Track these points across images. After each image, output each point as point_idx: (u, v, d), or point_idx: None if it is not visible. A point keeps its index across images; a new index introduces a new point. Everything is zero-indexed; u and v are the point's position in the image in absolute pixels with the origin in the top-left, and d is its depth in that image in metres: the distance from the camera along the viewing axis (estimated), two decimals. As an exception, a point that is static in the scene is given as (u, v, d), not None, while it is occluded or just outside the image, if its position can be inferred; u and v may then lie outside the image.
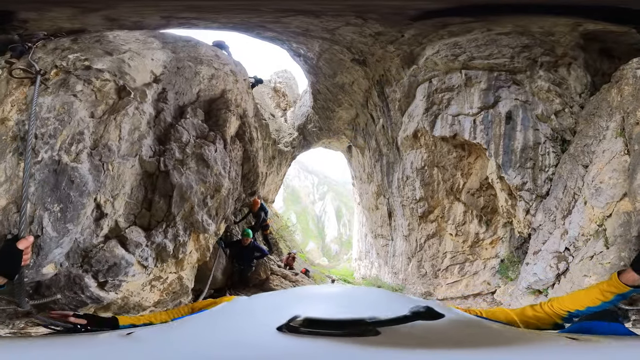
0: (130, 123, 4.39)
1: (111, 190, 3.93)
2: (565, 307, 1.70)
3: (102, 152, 3.92)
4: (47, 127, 3.41)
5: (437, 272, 9.37)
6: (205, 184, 5.10)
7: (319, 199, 49.58)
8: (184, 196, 4.83)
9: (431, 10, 5.78)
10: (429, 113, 8.13)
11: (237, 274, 7.72)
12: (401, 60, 8.46)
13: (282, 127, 15.68)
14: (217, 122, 5.94)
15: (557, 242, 5.61)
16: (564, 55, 7.04)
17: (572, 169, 6.01)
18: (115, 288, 3.54)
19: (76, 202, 3.35)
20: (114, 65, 4.43)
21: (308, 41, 9.19)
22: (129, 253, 3.90)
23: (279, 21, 6.96)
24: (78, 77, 3.97)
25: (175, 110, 5.39)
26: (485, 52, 7.33)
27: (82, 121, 3.74)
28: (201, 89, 5.93)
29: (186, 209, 4.85)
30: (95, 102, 4.04)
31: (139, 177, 4.49)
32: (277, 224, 15.15)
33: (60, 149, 3.40)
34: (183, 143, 5.18)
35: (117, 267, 3.58)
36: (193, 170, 5.12)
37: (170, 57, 5.53)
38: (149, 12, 5.51)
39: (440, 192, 9.00)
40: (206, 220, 5.07)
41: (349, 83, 11.04)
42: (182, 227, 4.74)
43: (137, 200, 4.42)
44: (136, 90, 4.63)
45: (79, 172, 3.46)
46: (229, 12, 5.98)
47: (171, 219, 4.67)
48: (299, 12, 6.32)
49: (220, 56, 6.71)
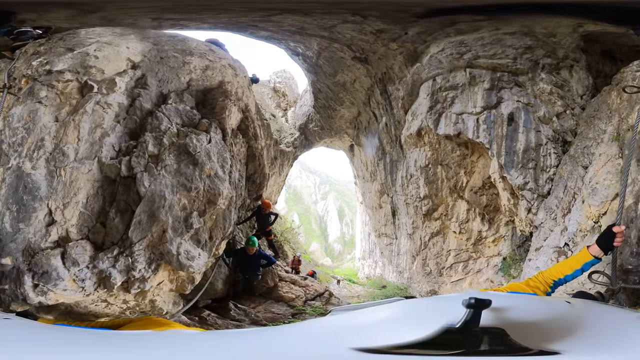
0: (89, 121, 3.98)
1: (62, 197, 3.71)
2: (551, 277, 2.16)
3: (57, 157, 3.77)
4: (16, 136, 3.68)
5: (442, 270, 9.38)
6: (188, 193, 4.00)
7: (321, 199, 49.61)
8: (153, 213, 3.83)
9: (441, 8, 5.70)
10: (433, 111, 8.13)
11: (241, 283, 7.06)
12: (404, 58, 8.44)
13: (283, 128, 15.66)
14: (212, 109, 5.00)
15: (557, 238, 5.75)
16: (565, 57, 7.11)
17: (572, 169, 6.12)
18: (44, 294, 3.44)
19: (28, 205, 3.55)
20: (75, 62, 4.16)
21: (305, 39, 9.10)
22: (64, 268, 3.54)
23: (268, 20, 6.77)
24: (42, 83, 3.94)
25: (158, 97, 4.71)
26: (490, 52, 7.36)
27: (44, 127, 3.78)
28: (192, 78, 5.26)
29: (155, 233, 3.83)
30: (59, 105, 3.95)
31: (97, 184, 3.92)
32: (281, 226, 15.12)
33: (25, 156, 3.64)
34: (161, 132, 4.15)
35: (47, 276, 3.46)
36: (171, 170, 4.01)
37: (149, 47, 5.00)
38: (138, 14, 5.38)
39: (444, 190, 9.01)
40: (187, 252, 3.98)
41: (350, 81, 11.01)
42: (145, 257, 3.81)
43: (91, 212, 3.85)
44: (102, 83, 4.19)
45: (31, 178, 3.63)
46: (210, 12, 5.79)
47: (127, 245, 3.77)
48: (284, 10, 6.11)
49: (215, 51, 6.15)
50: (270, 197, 14.66)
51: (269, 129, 12.69)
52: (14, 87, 3.96)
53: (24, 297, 3.36)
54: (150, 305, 4.24)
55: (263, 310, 6.58)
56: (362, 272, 17.81)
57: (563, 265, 2.27)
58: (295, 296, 7.33)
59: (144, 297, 4.12)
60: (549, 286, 2.14)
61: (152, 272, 3.85)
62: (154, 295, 4.19)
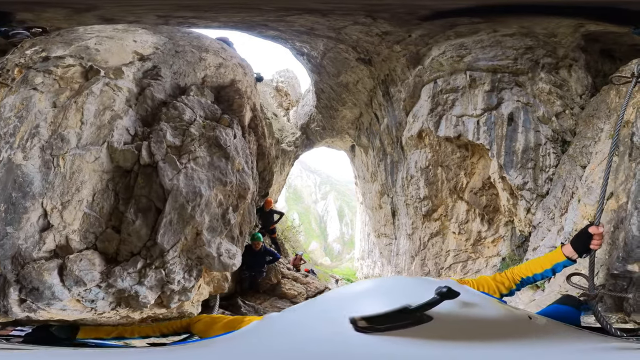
0: (97, 103, 3.40)
1: (60, 194, 2.95)
2: (520, 274, 2.02)
3: (54, 144, 3.03)
4: (8, 126, 3.10)
5: (441, 271, 9.47)
6: (224, 187, 3.53)
7: (321, 199, 49.63)
8: (185, 212, 3.16)
9: (443, 10, 5.78)
10: (434, 113, 8.23)
11: (247, 280, 7.16)
12: (407, 60, 8.55)
13: (285, 127, 15.75)
14: (230, 106, 4.65)
15: (553, 237, 5.80)
16: (565, 56, 7.14)
17: (571, 169, 6.17)
18: (32, 311, 2.79)
19: (17, 205, 2.85)
20: (76, 49, 3.70)
21: (312, 40, 9.19)
22: (63, 286, 2.78)
23: (282, 20, 6.83)
24: (37, 70, 3.41)
25: (174, 89, 4.27)
26: (489, 54, 7.43)
27: (39, 113, 3.19)
28: (207, 74, 4.96)
29: (188, 235, 3.19)
30: (58, 91, 3.40)
31: (106, 175, 3.20)
32: (282, 225, 15.21)
33: (18, 147, 3.05)
34: (184, 122, 3.70)
35: (38, 293, 2.73)
36: (204, 163, 3.48)
37: (164, 40, 4.56)
38: (141, 12, 5.30)
39: (443, 191, 9.11)
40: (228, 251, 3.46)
41: (353, 82, 11.11)
42: (182, 266, 3.18)
43: (100, 213, 3.10)
44: (109, 69, 3.67)
45: (22, 170, 2.93)
46: (227, 11, 5.77)
47: (155, 255, 3.05)
48: (305, 10, 6.19)
49: (226, 49, 5.91)
50: (272, 195, 14.75)
51: (271, 128, 12.79)
52: (7, 78, 3.47)
53: (6, 311, 2.75)
54: (177, 311, 3.61)
55: (269, 306, 6.76)
56: (361, 271, 17.89)
57: (534, 263, 2.07)
58: (297, 293, 7.47)
59: (181, 306, 3.53)
60: (514, 283, 2.01)
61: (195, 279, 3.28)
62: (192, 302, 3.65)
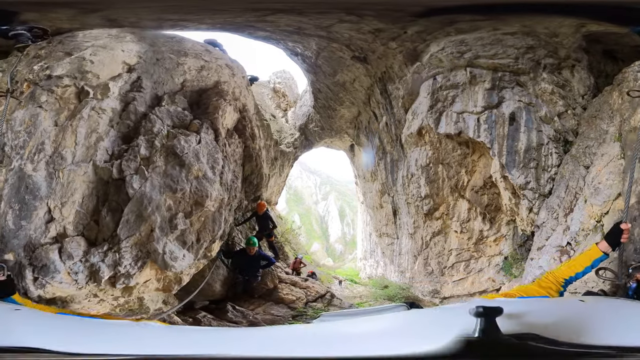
0: (86, 126, 4.30)
1: (60, 197, 4.06)
2: (562, 276, 2.19)
3: (56, 160, 4.10)
4: (18, 139, 3.96)
5: (444, 270, 9.38)
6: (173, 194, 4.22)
7: (321, 199, 49.56)
8: (141, 213, 4.11)
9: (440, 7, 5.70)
10: (434, 110, 8.11)
11: (240, 285, 7.02)
12: (404, 57, 8.41)
13: (284, 128, 15.64)
14: (205, 109, 5.08)
15: (559, 237, 5.79)
16: (567, 57, 7.10)
17: (573, 169, 6.15)
18: (42, 287, 3.72)
19: (29, 204, 3.87)
20: (73, 67, 4.42)
21: (303, 39, 9.04)
22: (61, 261, 3.88)
23: (264, 20, 6.73)
24: (42, 88, 4.17)
25: (152, 99, 4.89)
26: (490, 52, 7.34)
27: (44, 131, 4.07)
28: (187, 79, 5.42)
29: (143, 232, 4.11)
30: (59, 110, 4.22)
31: (91, 185, 4.26)
32: (282, 227, 15.09)
33: (27, 159, 3.94)
34: (154, 134, 4.37)
35: (46, 269, 3.76)
36: (160, 171, 4.26)
37: (145, 48, 5.13)
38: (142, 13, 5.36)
39: (445, 190, 9.00)
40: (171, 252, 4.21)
41: (350, 81, 10.98)
42: (132, 255, 4.08)
43: (87, 211, 4.20)
44: (97, 88, 4.44)
45: (33, 179, 3.95)
46: (207, 12, 5.79)
47: (115, 242, 4.05)
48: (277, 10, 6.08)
49: (211, 51, 6.26)
50: (271, 197, 14.64)
51: (269, 130, 12.67)
52: (17, 91, 4.11)
53: (25, 291, 3.61)
54: (138, 303, 4.52)
55: (262, 312, 6.55)
56: (364, 272, 17.76)
57: (573, 262, 2.34)
58: (295, 298, 7.29)
59: (131, 293, 4.34)
60: (560, 285, 2.17)
61: (138, 269, 4.13)
62: (139, 292, 4.42)
